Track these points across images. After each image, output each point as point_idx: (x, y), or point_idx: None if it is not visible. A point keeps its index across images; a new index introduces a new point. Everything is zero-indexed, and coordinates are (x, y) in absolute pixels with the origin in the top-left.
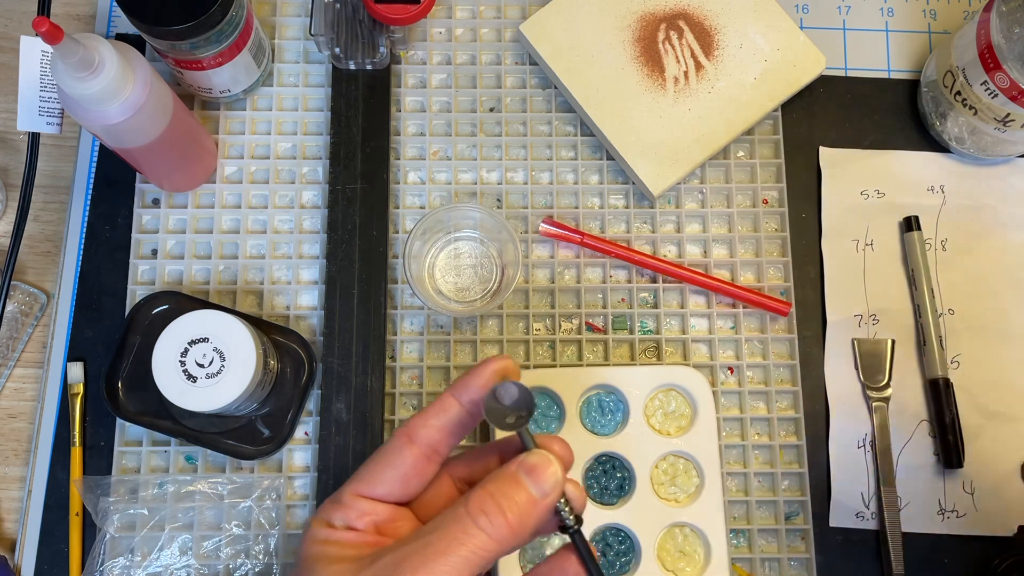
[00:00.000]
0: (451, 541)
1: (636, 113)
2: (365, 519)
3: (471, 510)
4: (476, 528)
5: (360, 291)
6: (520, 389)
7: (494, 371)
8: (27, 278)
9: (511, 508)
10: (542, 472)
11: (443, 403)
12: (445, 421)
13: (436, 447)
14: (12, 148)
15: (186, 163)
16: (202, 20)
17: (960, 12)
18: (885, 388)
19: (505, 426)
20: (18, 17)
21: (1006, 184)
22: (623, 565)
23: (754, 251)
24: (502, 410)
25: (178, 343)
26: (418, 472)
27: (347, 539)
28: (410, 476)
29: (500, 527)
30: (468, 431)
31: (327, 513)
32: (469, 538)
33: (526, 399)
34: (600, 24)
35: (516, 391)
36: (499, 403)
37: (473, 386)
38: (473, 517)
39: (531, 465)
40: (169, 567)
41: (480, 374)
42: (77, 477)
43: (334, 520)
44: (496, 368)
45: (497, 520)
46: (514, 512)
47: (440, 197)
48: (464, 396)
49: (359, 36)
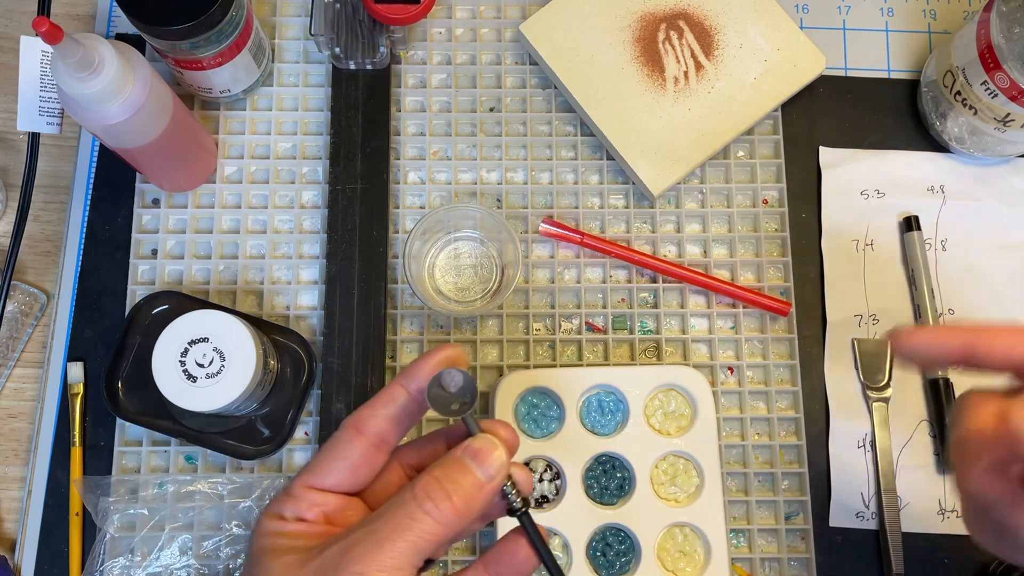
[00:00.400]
0: (397, 526)
1: (636, 113)
2: (315, 510)
3: (417, 495)
4: (422, 512)
5: (360, 291)
6: (464, 376)
7: (441, 359)
8: (27, 278)
9: (457, 492)
10: (487, 456)
11: (391, 392)
12: (393, 410)
13: (385, 436)
14: (12, 148)
15: (186, 163)
16: (202, 20)
17: (960, 12)
18: (885, 388)
19: (449, 412)
20: (18, 17)
21: (1006, 184)
22: (623, 565)
23: (754, 251)
24: (446, 397)
25: (178, 343)
26: (367, 462)
27: (297, 530)
28: (359, 466)
29: (446, 511)
30: (416, 419)
31: (277, 506)
32: (415, 523)
33: (470, 386)
34: (600, 24)
35: (460, 378)
36: (443, 390)
37: (420, 375)
38: (419, 502)
39: (476, 449)
40: (169, 567)
41: (427, 362)
42: (77, 477)
43: (284, 512)
44: (443, 356)
45: (443, 504)
46: (460, 495)
47: (440, 197)
48: (412, 385)
49: (359, 36)
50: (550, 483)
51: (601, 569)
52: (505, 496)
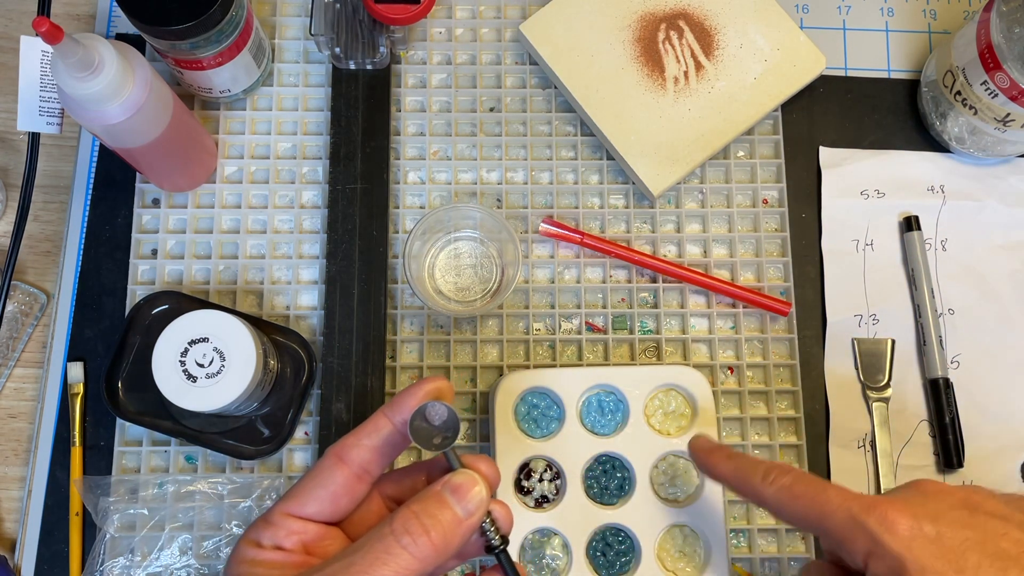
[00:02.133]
0: (374, 561)
1: (636, 113)
2: (293, 538)
3: (395, 529)
4: (399, 547)
5: (360, 291)
6: (448, 410)
7: (427, 391)
8: (27, 278)
9: (435, 527)
10: (466, 491)
11: (375, 423)
12: (377, 441)
13: (367, 467)
14: (12, 148)
15: (186, 163)
16: (202, 20)
17: (960, 12)
18: (885, 388)
19: (431, 447)
20: (18, 17)
21: (1006, 184)
22: (623, 565)
23: (754, 251)
24: (429, 430)
25: (178, 343)
26: (348, 491)
27: (274, 559)
28: (340, 495)
29: (423, 546)
30: (400, 451)
31: (256, 532)
32: (392, 558)
33: (453, 420)
34: (600, 24)
35: (444, 412)
36: (426, 423)
37: (406, 406)
38: (396, 536)
39: (456, 485)
40: (169, 567)
41: (413, 394)
42: (77, 477)
43: (262, 540)
44: (429, 389)
45: (421, 540)
46: (438, 531)
47: (440, 197)
48: (397, 416)
49: (359, 36)
50: (550, 483)
51: (601, 569)
52: (484, 533)
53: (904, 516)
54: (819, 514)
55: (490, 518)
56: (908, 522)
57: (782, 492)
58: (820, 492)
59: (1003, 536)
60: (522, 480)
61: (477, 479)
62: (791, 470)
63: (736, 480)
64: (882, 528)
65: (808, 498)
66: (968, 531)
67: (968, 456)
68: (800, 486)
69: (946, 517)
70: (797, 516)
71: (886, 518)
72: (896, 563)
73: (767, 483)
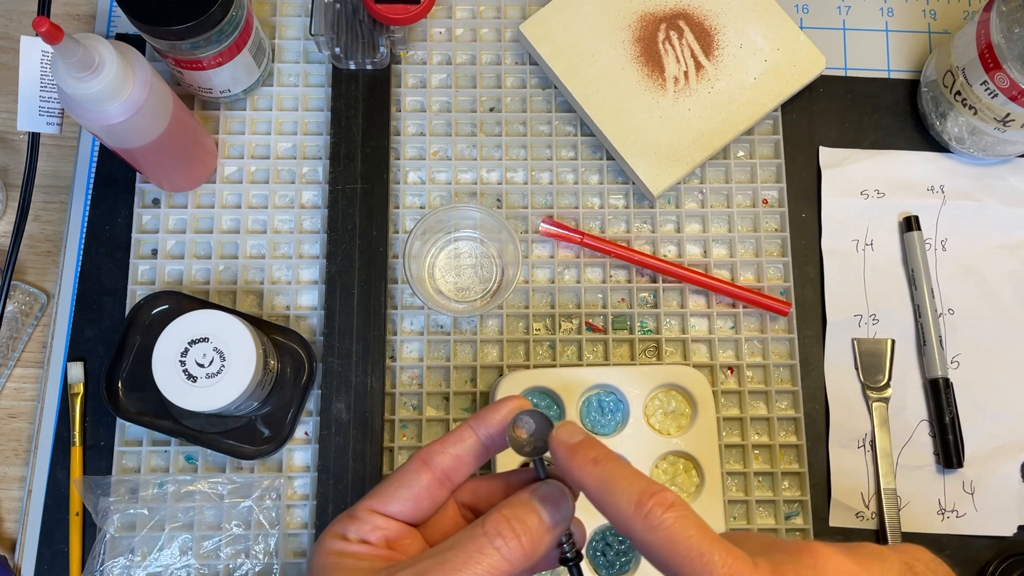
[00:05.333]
0: (467, 559)
1: (636, 113)
2: (377, 533)
3: (488, 531)
4: (492, 548)
5: (360, 291)
6: (541, 419)
7: (512, 408)
8: (27, 278)
9: (525, 532)
10: (556, 502)
11: (460, 433)
12: (461, 451)
13: (450, 474)
14: (12, 148)
15: (186, 163)
16: (202, 20)
17: (960, 12)
18: (885, 388)
19: (524, 454)
20: (18, 17)
21: (1006, 184)
22: (623, 565)
23: (754, 251)
24: (521, 440)
25: (178, 343)
26: (430, 495)
27: (361, 552)
28: (423, 498)
29: (514, 549)
30: (482, 463)
31: (342, 526)
32: (484, 557)
33: (544, 429)
34: (600, 24)
35: (534, 423)
36: (518, 433)
37: (491, 421)
38: (490, 538)
39: (545, 494)
40: (169, 567)
41: (498, 410)
42: (77, 477)
43: (348, 533)
44: (513, 406)
45: (512, 543)
46: (527, 536)
47: (440, 197)
48: (481, 430)
49: (359, 36)
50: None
51: (601, 569)
52: (560, 545)
53: None
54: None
55: (568, 531)
56: None
57: (657, 534)
58: (705, 552)
59: None
60: None
61: (566, 491)
62: (675, 504)
63: (600, 495)
64: None
65: (689, 555)
66: None
67: (968, 456)
68: (682, 533)
69: None
70: (668, 570)
71: None
72: None
73: (640, 514)
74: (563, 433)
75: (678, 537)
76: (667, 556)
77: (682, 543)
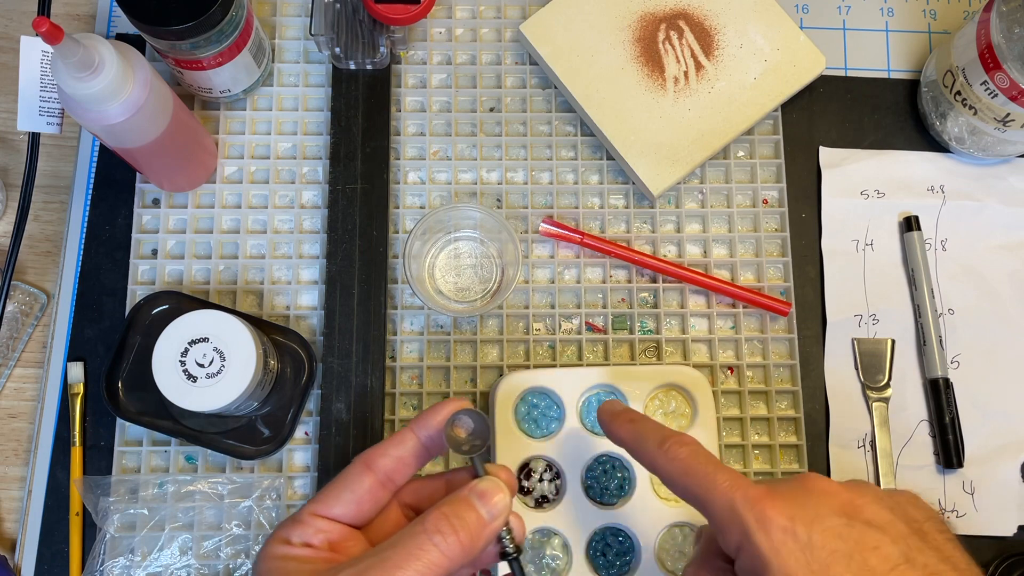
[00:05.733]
0: (408, 555)
1: (636, 113)
2: (320, 536)
3: (427, 528)
4: (431, 544)
5: (360, 291)
6: (479, 419)
7: (450, 410)
8: (27, 278)
9: (463, 528)
10: (491, 497)
11: (402, 436)
12: (402, 452)
13: (391, 476)
14: (12, 148)
15: (186, 163)
16: (202, 20)
17: (960, 12)
18: (885, 388)
19: (462, 452)
20: (18, 17)
21: (1006, 184)
22: (623, 565)
23: (754, 251)
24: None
25: (178, 343)
26: (372, 497)
27: (304, 555)
28: (365, 500)
29: (452, 545)
30: (422, 464)
31: (285, 531)
32: (424, 553)
33: (482, 429)
34: (600, 24)
35: (472, 422)
36: (457, 432)
37: (431, 423)
38: (429, 534)
39: (482, 490)
40: (169, 567)
41: (438, 412)
42: (77, 477)
43: (292, 537)
44: (452, 408)
45: (450, 538)
46: (465, 532)
47: (440, 197)
48: (422, 432)
49: (359, 36)
50: (550, 483)
51: (601, 569)
52: (500, 540)
53: (780, 516)
54: (705, 497)
55: (507, 527)
56: (782, 523)
57: (675, 464)
58: (711, 473)
59: (873, 551)
60: (522, 480)
61: (501, 486)
62: (689, 443)
63: (633, 443)
64: (757, 525)
65: (699, 476)
66: (839, 542)
67: (968, 456)
68: (694, 462)
69: (822, 523)
70: (685, 492)
71: (763, 515)
72: (761, 564)
73: (662, 451)
74: (607, 405)
75: (690, 465)
76: (683, 480)
77: (694, 469)
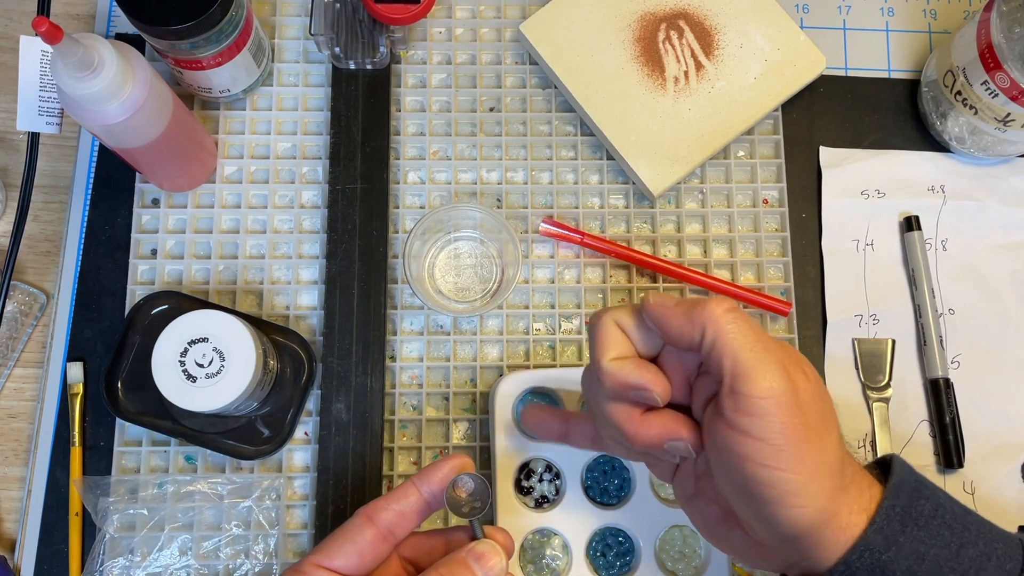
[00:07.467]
0: None
1: (636, 113)
2: None
3: None
4: None
5: (360, 291)
6: (479, 482)
7: (453, 467)
8: (27, 278)
9: None
10: (488, 560)
11: (404, 490)
12: (405, 507)
13: (393, 529)
14: (12, 148)
15: (186, 163)
16: (202, 20)
17: (960, 12)
18: (885, 388)
19: (461, 514)
20: (18, 17)
21: (1006, 184)
22: (623, 565)
23: (754, 251)
24: (460, 499)
25: (178, 343)
26: (374, 550)
27: None
28: (366, 552)
29: None
30: (424, 519)
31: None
32: None
33: (482, 491)
34: (600, 24)
35: (474, 483)
36: (458, 493)
37: (434, 479)
38: None
39: (479, 553)
40: (169, 567)
41: (440, 468)
42: (77, 477)
43: None
44: (455, 464)
45: None
46: None
47: (440, 197)
48: (424, 487)
49: (359, 36)
50: (550, 483)
51: (601, 569)
52: None
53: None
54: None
55: None
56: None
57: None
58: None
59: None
60: (522, 480)
61: (498, 549)
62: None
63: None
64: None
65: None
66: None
67: (968, 456)
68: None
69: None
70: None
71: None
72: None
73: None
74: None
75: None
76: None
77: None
